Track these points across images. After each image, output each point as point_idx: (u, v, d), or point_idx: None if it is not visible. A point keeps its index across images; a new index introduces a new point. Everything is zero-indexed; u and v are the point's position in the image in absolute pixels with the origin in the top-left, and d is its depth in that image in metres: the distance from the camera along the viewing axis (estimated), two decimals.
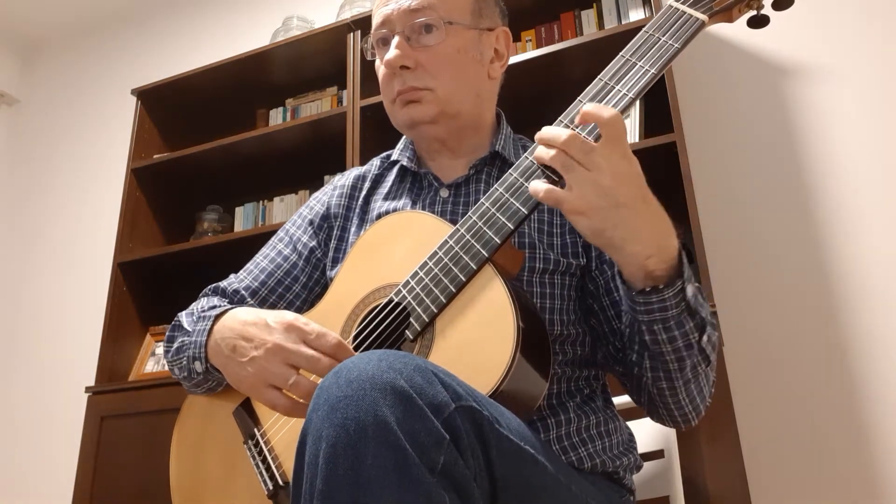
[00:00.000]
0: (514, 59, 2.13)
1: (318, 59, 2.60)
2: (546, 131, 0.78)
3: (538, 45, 2.30)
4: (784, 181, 2.06)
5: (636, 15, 2.20)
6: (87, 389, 2.32)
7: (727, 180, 2.12)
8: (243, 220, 2.75)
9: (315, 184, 2.64)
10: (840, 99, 2.07)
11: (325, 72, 2.67)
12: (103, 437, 2.23)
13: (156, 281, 2.59)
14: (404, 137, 1.16)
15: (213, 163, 2.65)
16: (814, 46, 2.15)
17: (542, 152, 0.77)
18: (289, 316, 0.86)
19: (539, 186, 0.77)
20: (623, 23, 2.22)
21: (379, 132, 2.34)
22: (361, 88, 2.34)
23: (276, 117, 2.79)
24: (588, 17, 2.30)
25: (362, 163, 2.20)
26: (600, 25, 2.27)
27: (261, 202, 2.75)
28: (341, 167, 2.44)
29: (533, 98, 2.14)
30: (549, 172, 0.80)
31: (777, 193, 2.05)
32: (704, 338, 0.84)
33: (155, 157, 2.67)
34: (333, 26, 2.47)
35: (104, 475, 2.19)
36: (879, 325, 1.85)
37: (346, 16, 2.56)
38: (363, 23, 2.42)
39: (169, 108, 2.81)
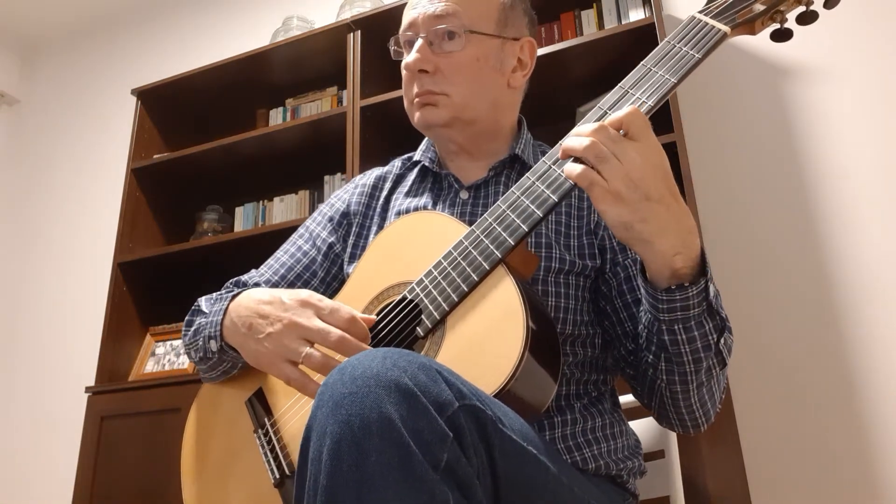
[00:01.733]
0: None
1: (318, 59, 2.61)
2: (576, 128, 0.79)
3: (538, 45, 2.30)
4: (784, 181, 2.06)
5: (636, 15, 2.20)
6: (87, 389, 2.32)
7: (727, 180, 2.12)
8: (243, 220, 2.75)
9: (315, 184, 2.65)
10: (840, 99, 2.08)
11: (325, 72, 2.67)
12: (103, 437, 2.23)
13: (156, 281, 2.60)
14: (426, 139, 1.18)
15: (213, 163, 2.65)
16: (814, 46, 2.15)
17: (574, 142, 0.77)
18: (303, 293, 0.88)
19: (574, 167, 0.76)
20: (623, 23, 2.22)
21: (379, 132, 2.34)
22: (361, 88, 2.34)
23: (276, 117, 2.79)
24: (588, 17, 2.30)
25: (362, 163, 2.22)
26: (600, 25, 2.27)
27: (261, 202, 2.76)
28: (341, 167, 2.44)
29: (533, 98, 2.13)
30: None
31: (777, 193, 2.06)
32: (722, 340, 0.84)
33: (155, 157, 2.67)
34: (333, 26, 2.47)
35: (104, 475, 2.19)
36: (879, 325, 1.85)
37: (346, 16, 2.56)
38: (363, 23, 2.42)
39: (169, 108, 2.82)
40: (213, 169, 2.70)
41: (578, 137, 0.77)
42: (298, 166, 2.64)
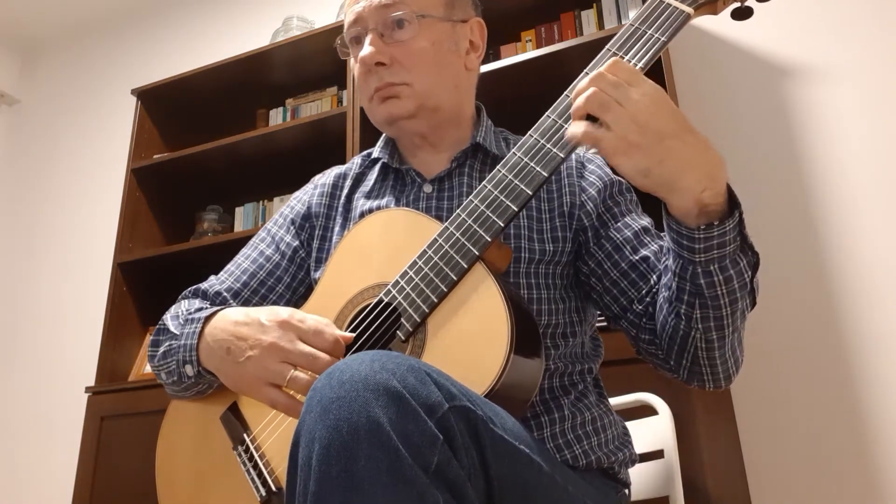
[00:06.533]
0: (513, 59, 2.13)
1: (318, 59, 2.60)
2: (576, 85, 0.77)
3: (538, 45, 2.30)
4: (784, 181, 2.05)
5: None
6: (87, 389, 2.32)
7: None
8: (243, 220, 2.75)
9: None
10: (840, 99, 2.07)
11: (325, 72, 2.67)
12: (103, 437, 2.23)
13: (156, 281, 2.59)
14: (384, 135, 1.15)
15: (213, 163, 2.65)
16: (814, 46, 2.14)
17: (577, 101, 0.75)
18: (283, 313, 0.86)
19: (576, 128, 0.74)
20: (623, 23, 2.21)
21: (379, 132, 2.33)
22: None
23: (276, 117, 2.79)
24: (588, 17, 2.30)
25: None
26: (600, 25, 2.27)
27: (261, 202, 2.75)
28: None
29: (533, 98, 2.13)
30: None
31: (777, 193, 2.05)
32: (756, 277, 0.83)
33: (155, 157, 2.67)
34: (333, 26, 2.47)
35: (104, 475, 2.19)
36: (879, 324, 1.84)
37: None
38: None
39: (169, 108, 2.81)
40: (213, 169, 2.69)
41: (581, 87, 0.75)
42: (298, 166, 2.62)
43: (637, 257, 0.96)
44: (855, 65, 2.08)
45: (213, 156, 2.59)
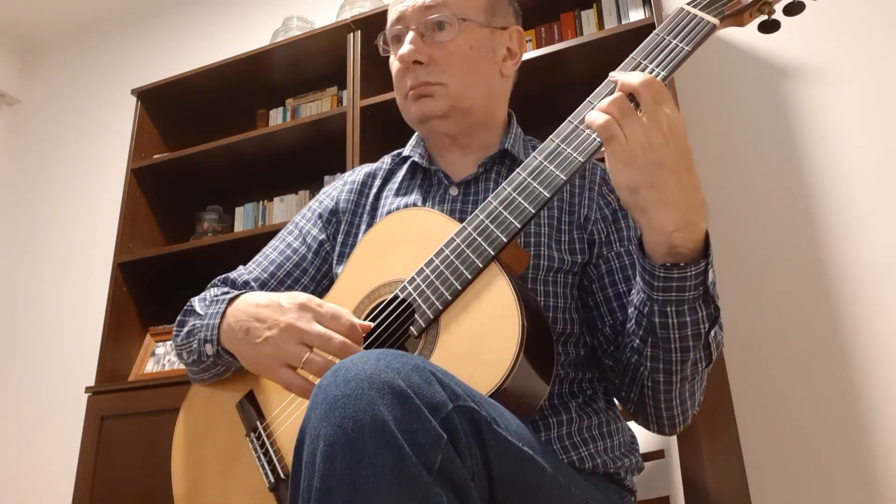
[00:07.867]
0: None
1: (318, 59, 2.60)
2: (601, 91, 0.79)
3: (538, 45, 2.30)
4: (784, 181, 2.06)
5: (636, 15, 2.20)
6: (87, 389, 2.32)
7: (727, 181, 2.12)
8: (243, 220, 2.75)
9: (315, 184, 2.65)
10: (840, 99, 2.07)
11: (325, 72, 2.67)
12: (103, 437, 2.23)
13: (156, 281, 2.59)
14: (416, 134, 1.17)
15: (213, 163, 2.65)
16: (814, 47, 2.15)
17: (604, 101, 0.76)
18: (302, 297, 0.87)
19: (598, 116, 0.76)
20: (623, 23, 2.21)
21: (379, 132, 2.34)
22: (361, 88, 2.34)
23: (276, 117, 2.79)
24: (588, 17, 2.30)
25: (362, 163, 2.21)
26: (600, 25, 2.27)
27: (261, 202, 2.75)
28: (341, 167, 2.44)
29: (533, 98, 2.14)
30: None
31: (777, 194, 2.05)
32: (713, 332, 0.83)
33: (155, 157, 2.67)
34: (333, 26, 2.47)
35: (104, 475, 2.19)
36: (880, 325, 1.84)
37: (346, 16, 2.56)
38: (363, 23, 2.42)
39: (169, 108, 2.81)
40: (213, 169, 2.69)
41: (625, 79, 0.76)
42: (298, 166, 2.64)
43: (625, 287, 0.98)
44: (855, 65, 2.09)
45: (213, 156, 2.59)
